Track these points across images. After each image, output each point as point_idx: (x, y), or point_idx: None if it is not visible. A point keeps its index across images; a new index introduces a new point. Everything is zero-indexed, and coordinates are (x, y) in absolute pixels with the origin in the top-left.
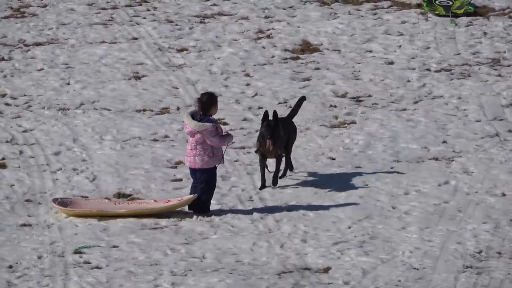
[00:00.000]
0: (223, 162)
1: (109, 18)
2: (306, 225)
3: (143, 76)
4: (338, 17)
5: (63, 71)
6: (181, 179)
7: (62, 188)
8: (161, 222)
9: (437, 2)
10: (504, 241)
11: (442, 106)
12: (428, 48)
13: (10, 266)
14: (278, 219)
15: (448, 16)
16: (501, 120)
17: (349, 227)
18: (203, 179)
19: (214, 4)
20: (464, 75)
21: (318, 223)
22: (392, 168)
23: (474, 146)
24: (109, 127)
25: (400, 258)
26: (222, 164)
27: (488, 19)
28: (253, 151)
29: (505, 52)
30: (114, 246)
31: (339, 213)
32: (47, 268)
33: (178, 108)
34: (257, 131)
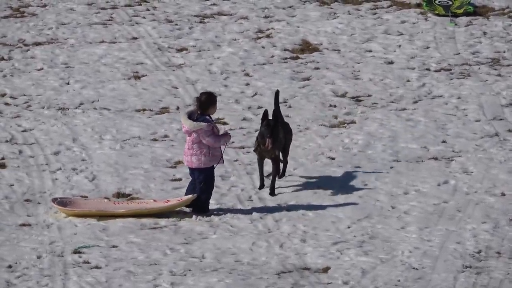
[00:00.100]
0: (222, 162)
1: (109, 18)
2: (305, 225)
3: (143, 76)
4: (338, 16)
5: (63, 70)
6: (180, 179)
7: (61, 188)
8: (161, 222)
9: (436, 1)
10: (503, 241)
11: (442, 105)
12: (428, 47)
13: (10, 266)
14: (278, 219)
15: (447, 15)
16: (501, 119)
17: (349, 227)
18: (201, 179)
19: (214, 4)
20: (464, 74)
21: (317, 223)
22: (391, 168)
23: (474, 146)
24: (109, 126)
25: (400, 258)
26: (221, 164)
27: (488, 18)
28: (252, 150)
29: (504, 51)
30: (114, 246)
31: (339, 213)
32: (46, 268)
33: (178, 108)
34: (256, 130)
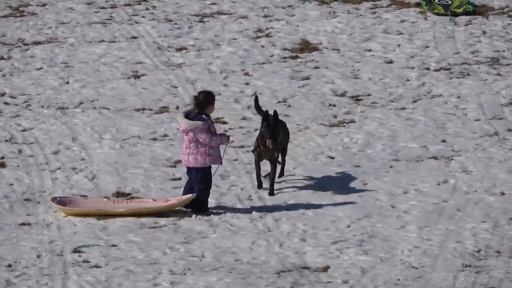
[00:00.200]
0: (220, 163)
1: (108, 17)
2: (305, 224)
3: (142, 75)
4: (337, 16)
5: (62, 70)
6: (180, 178)
7: (61, 187)
8: (160, 221)
9: (436, 1)
10: (503, 240)
11: (441, 105)
12: (427, 47)
13: (9, 265)
14: (277, 218)
15: (447, 15)
16: (500, 119)
17: (348, 226)
18: (198, 178)
19: (213, 3)
20: (463, 74)
21: (317, 222)
22: (391, 167)
23: (473, 145)
24: (108, 126)
25: (399, 257)
26: (219, 166)
27: (487, 18)
28: (251, 151)
29: (504, 51)
30: (113, 245)
31: (338, 212)
32: (46, 267)
33: (178, 107)
34: (256, 130)
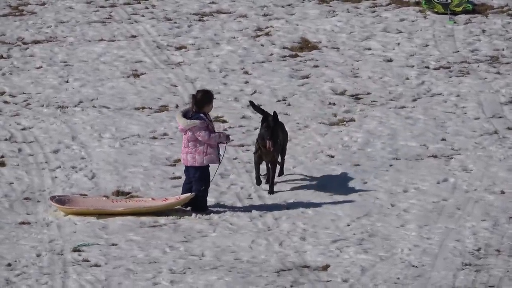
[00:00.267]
0: (218, 163)
1: (108, 16)
2: (305, 223)
3: (142, 74)
4: (337, 14)
5: (62, 69)
6: (179, 177)
7: (61, 186)
8: (160, 220)
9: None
10: (503, 238)
11: (441, 103)
12: (427, 45)
13: (9, 264)
14: (277, 217)
15: (446, 13)
16: (500, 117)
17: (348, 225)
18: (196, 177)
19: (213, 2)
20: (463, 72)
21: (317, 221)
22: (391, 165)
23: (473, 144)
24: (108, 125)
25: (399, 255)
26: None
27: (487, 16)
28: (252, 152)
29: (503, 49)
30: (113, 244)
31: (338, 211)
32: (46, 266)
33: (177, 106)
34: (256, 128)
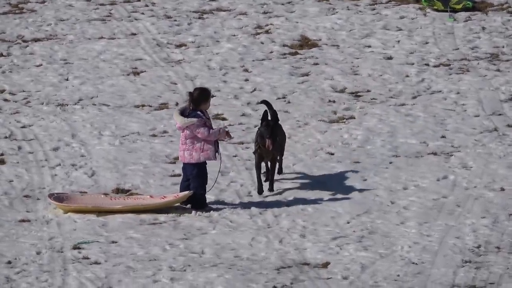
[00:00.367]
0: (215, 159)
1: (108, 13)
2: (305, 220)
3: (142, 72)
4: (337, 12)
5: (62, 67)
6: (179, 175)
7: (60, 183)
8: (160, 218)
9: None
10: (503, 235)
11: (441, 101)
12: (427, 43)
13: (9, 262)
14: (277, 214)
15: (446, 11)
16: (500, 114)
17: (348, 222)
18: (194, 174)
19: (213, 0)
20: (463, 70)
21: (316, 218)
22: (390, 163)
23: (473, 141)
24: (108, 122)
25: (399, 253)
26: (215, 161)
27: (487, 14)
28: (252, 152)
29: (503, 47)
30: (113, 242)
31: (338, 208)
32: (46, 263)
33: (177, 104)
34: (256, 126)
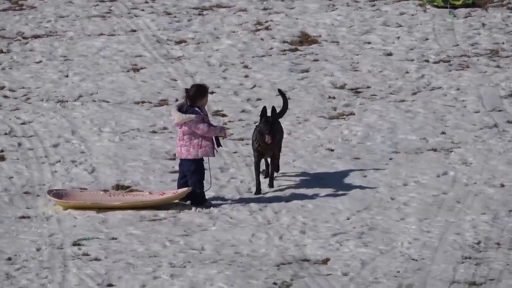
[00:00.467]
0: (212, 155)
1: (108, 10)
2: (305, 216)
3: (142, 68)
4: (337, 8)
5: (62, 63)
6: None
7: (60, 180)
8: (160, 214)
9: None
10: (503, 231)
11: (441, 97)
12: (427, 39)
13: (9, 258)
14: (277, 210)
15: (446, 7)
16: (500, 111)
17: (348, 219)
18: (192, 170)
19: None
20: (463, 66)
21: (317, 215)
22: (390, 159)
23: (473, 137)
24: (108, 119)
25: (399, 249)
26: (214, 158)
27: (487, 10)
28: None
29: (503, 43)
30: (113, 238)
31: (338, 204)
32: (46, 260)
33: (177, 100)
34: (255, 122)
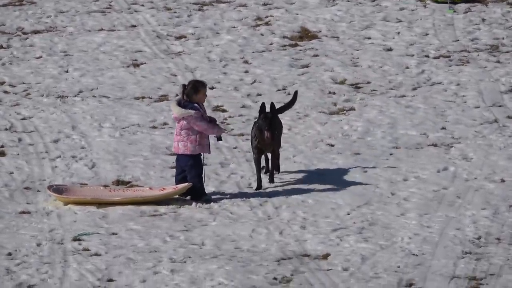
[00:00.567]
0: (208, 152)
1: (108, 5)
2: (305, 211)
3: (142, 64)
4: (337, 4)
5: (62, 58)
6: None
7: (61, 175)
8: (160, 209)
9: None
10: (503, 227)
11: (441, 92)
12: (427, 34)
13: (9, 254)
14: (277, 205)
15: (446, 2)
16: (500, 106)
17: (348, 214)
18: (189, 165)
19: None
20: (463, 61)
21: (317, 210)
22: (391, 154)
23: (473, 132)
24: (108, 114)
25: (399, 244)
26: (209, 154)
27: (487, 5)
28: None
29: (503, 38)
30: (113, 233)
31: (338, 199)
32: (46, 255)
33: (177, 95)
34: (255, 118)
